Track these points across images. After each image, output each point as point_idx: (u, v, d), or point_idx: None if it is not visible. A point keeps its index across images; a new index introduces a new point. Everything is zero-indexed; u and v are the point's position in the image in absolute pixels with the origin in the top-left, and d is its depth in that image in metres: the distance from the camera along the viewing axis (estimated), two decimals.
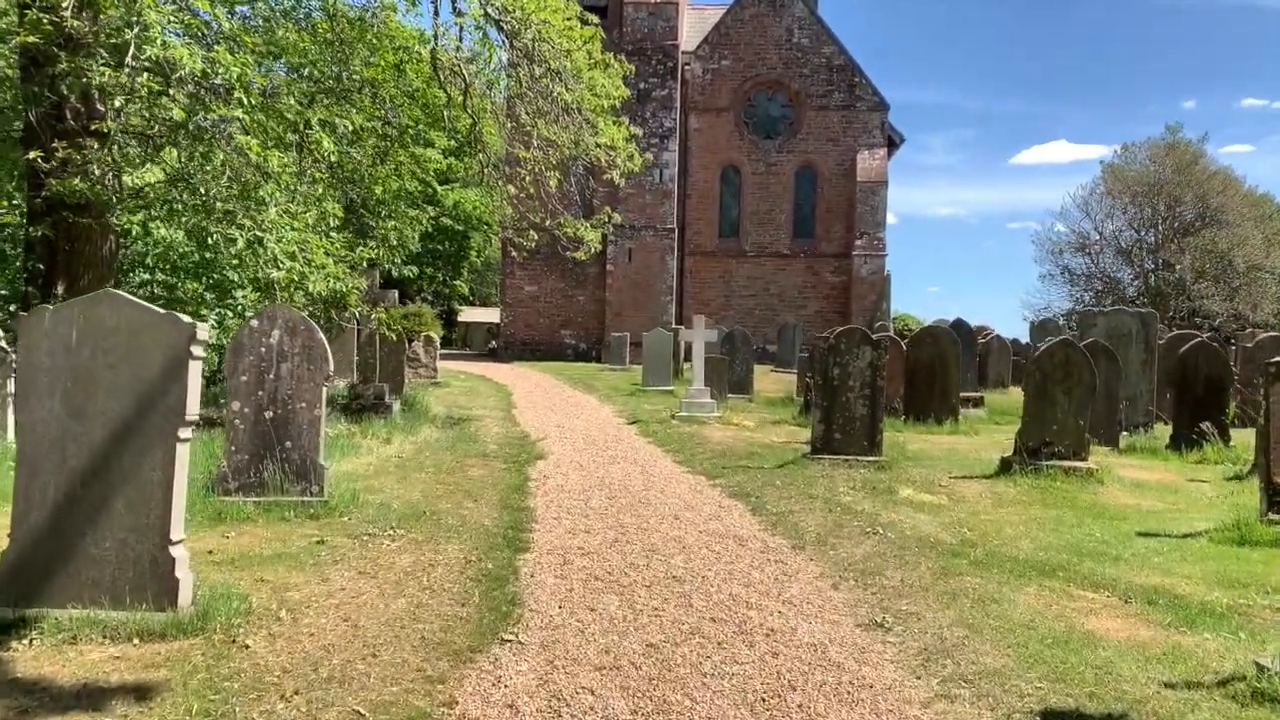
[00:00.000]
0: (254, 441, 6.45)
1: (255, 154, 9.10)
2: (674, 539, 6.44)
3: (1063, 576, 5.95)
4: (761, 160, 30.20)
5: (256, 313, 6.88)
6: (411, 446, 10.11)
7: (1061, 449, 9.42)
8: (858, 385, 9.79)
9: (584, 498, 7.86)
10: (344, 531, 5.95)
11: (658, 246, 28.99)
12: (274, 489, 6.37)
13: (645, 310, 28.80)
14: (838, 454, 9.72)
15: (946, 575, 5.81)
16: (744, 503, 7.87)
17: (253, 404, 6.47)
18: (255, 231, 9.35)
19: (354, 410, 11.13)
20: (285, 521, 6.12)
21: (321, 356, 6.52)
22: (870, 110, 29.82)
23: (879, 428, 9.82)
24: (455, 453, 9.91)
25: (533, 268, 30.00)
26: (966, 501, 8.38)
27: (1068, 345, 9.56)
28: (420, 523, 6.38)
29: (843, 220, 29.96)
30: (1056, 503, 8.48)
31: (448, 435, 11.29)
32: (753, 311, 29.98)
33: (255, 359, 6.49)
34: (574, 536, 6.39)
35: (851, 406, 9.79)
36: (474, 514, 6.86)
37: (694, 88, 30.18)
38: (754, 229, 30.35)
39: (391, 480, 7.96)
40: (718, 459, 10.30)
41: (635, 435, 12.49)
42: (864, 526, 7.04)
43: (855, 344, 9.83)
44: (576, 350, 30.08)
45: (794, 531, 6.83)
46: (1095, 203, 42.55)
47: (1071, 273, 44.31)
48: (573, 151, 12.52)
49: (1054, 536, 7.12)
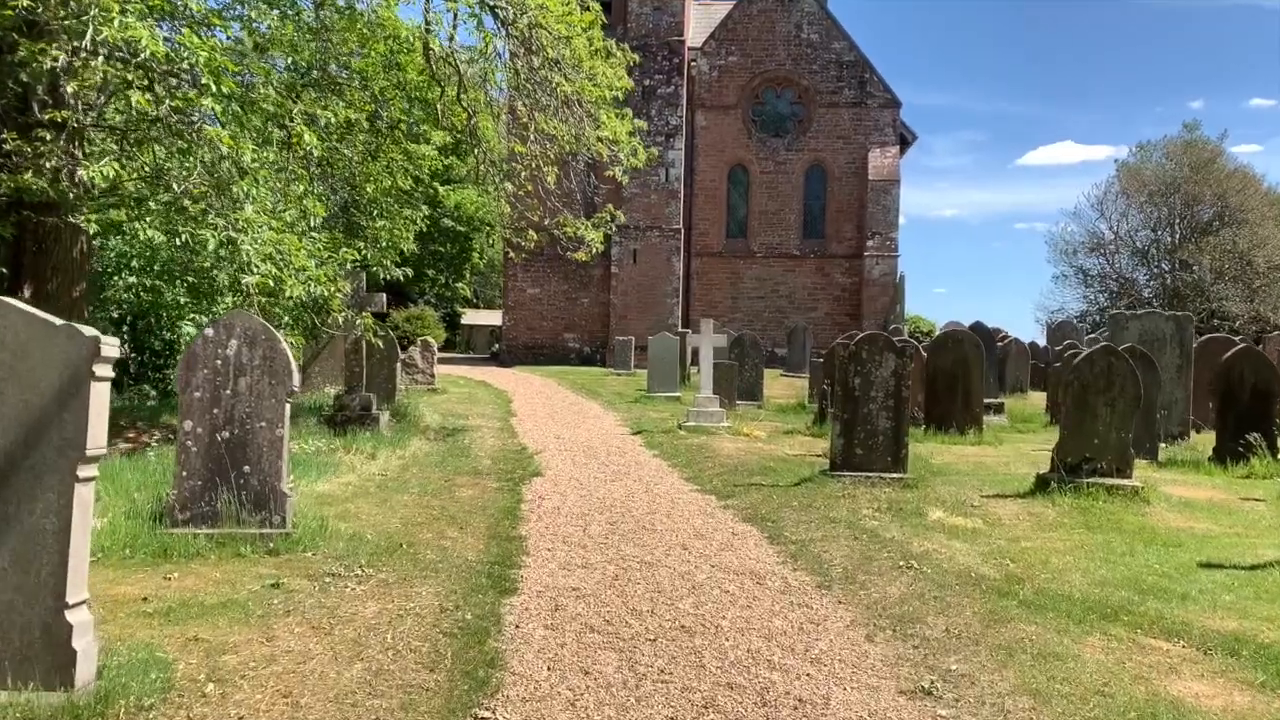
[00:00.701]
0: (208, 466, 5.72)
1: (227, 147, 8.39)
2: (682, 575, 5.68)
3: (1127, 621, 5.18)
4: (770, 159, 29.44)
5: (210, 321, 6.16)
6: (398, 462, 9.38)
7: (1103, 465, 8.65)
8: (880, 396, 9.02)
9: (582, 523, 7.11)
10: (305, 571, 5.20)
11: (663, 247, 28.25)
12: (229, 520, 5.64)
13: (651, 313, 28.07)
14: (859, 471, 8.96)
15: (996, 621, 5.05)
16: (759, 529, 7.11)
17: (207, 423, 5.74)
18: (229, 231, 8.62)
19: (338, 422, 10.40)
20: (240, 558, 5.38)
21: (284, 369, 5.79)
22: (882, 107, 29.04)
23: (904, 442, 9.05)
24: (445, 470, 9.17)
25: (535, 269, 29.27)
26: (1003, 525, 7.61)
27: (1110, 353, 8.78)
28: (395, 558, 5.63)
29: (853, 220, 29.17)
30: (1101, 526, 7.70)
31: (439, 449, 10.55)
32: (761, 314, 29.21)
33: (210, 373, 5.76)
34: (569, 573, 5.64)
35: (874, 419, 9.03)
36: (457, 545, 6.11)
37: (700, 85, 29.44)
38: (762, 229, 29.59)
39: (370, 504, 7.22)
40: (728, 475, 9.55)
41: (640, 447, 11.74)
42: (895, 558, 6.27)
43: (878, 351, 9.07)
44: (580, 354, 29.35)
45: (817, 565, 6.07)
46: (1110, 202, 41.69)
47: (1086, 274, 43.42)
48: (573, 147, 11.80)
49: (1107, 568, 6.35)
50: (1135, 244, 41.37)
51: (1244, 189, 37.28)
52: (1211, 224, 38.07)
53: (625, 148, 11.63)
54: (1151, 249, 40.62)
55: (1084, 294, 44.61)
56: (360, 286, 10.63)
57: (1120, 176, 41.97)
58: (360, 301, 10.57)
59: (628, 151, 11.64)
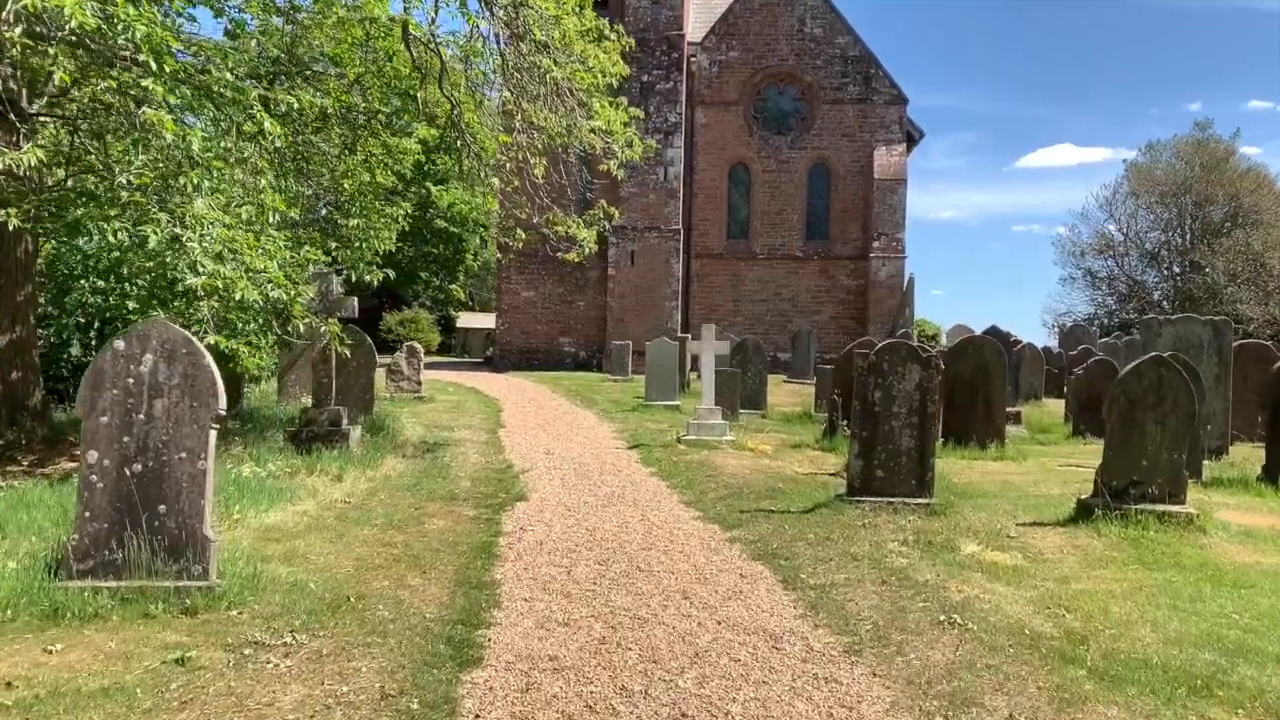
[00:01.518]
0: (115, 505, 4.78)
1: (171, 133, 7.46)
2: (682, 637, 4.75)
3: (1223, 697, 4.26)
4: (772, 157, 28.51)
5: (123, 332, 5.23)
6: (366, 486, 8.44)
7: (1154, 490, 7.72)
8: (904, 412, 8.09)
9: (568, 562, 6.17)
10: (223, 638, 4.27)
11: (662, 249, 27.32)
12: (139, 570, 4.70)
13: (649, 316, 27.13)
14: (880, 496, 8.02)
15: (1068, 701, 4.12)
16: (771, 569, 6.17)
17: (115, 454, 4.80)
18: (173, 227, 7.68)
19: (304, 440, 9.45)
20: (147, 620, 4.44)
21: (209, 389, 4.85)
22: (888, 104, 28.11)
23: (930, 464, 8.12)
24: (417, 494, 8.22)
25: (530, 271, 28.34)
26: (1047, 561, 6.68)
27: (1160, 363, 7.85)
28: (338, 617, 4.70)
29: (859, 220, 28.24)
30: (1158, 561, 6.78)
31: (415, 468, 9.61)
32: (763, 317, 28.27)
33: (120, 393, 4.82)
34: (547, 635, 4.71)
35: (896, 437, 8.09)
36: (417, 597, 5.17)
37: (700, 81, 28.52)
38: (764, 230, 28.66)
39: (323, 540, 6.28)
40: (734, 499, 8.61)
41: (636, 464, 10.81)
42: (933, 609, 5.34)
43: (900, 362, 8.13)
44: (576, 359, 28.41)
45: (842, 619, 5.14)
46: (1119, 203, 40.79)
47: (1094, 276, 42.51)
48: (564, 139, 10.87)
49: (1178, 619, 5.42)
50: (1145, 245, 40.47)
51: (1258, 189, 36.37)
52: (1223, 225, 37.16)
53: (620, 139, 10.71)
54: (1162, 250, 39.70)
55: (1091, 296, 43.74)
56: (330, 289, 9.71)
57: (1129, 177, 41.08)
58: (329, 306, 9.64)
59: (622, 143, 10.72)
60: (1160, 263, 39.95)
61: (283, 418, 12.53)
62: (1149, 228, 40.10)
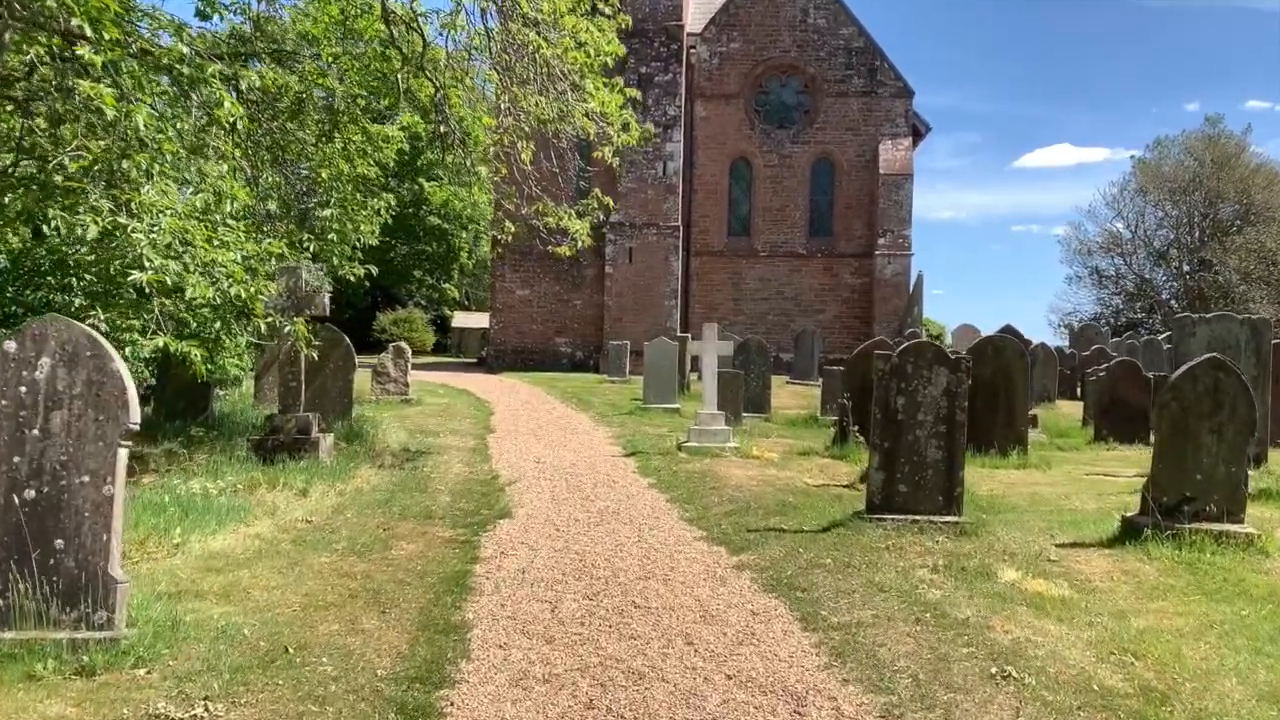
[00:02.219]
0: (1, 540, 3.97)
1: (110, 108, 6.67)
2: (687, 698, 3.94)
3: None
4: (774, 151, 27.70)
5: (13, 331, 4.43)
6: (334, 501, 7.63)
7: (1210, 507, 6.92)
8: (930, 420, 7.29)
9: (552, 596, 5.36)
10: (118, 709, 3.46)
11: (661, 246, 26.50)
12: (28, 619, 3.89)
13: (647, 315, 26.33)
14: (903, 513, 7.22)
15: None
16: (788, 603, 5.36)
17: (3, 478, 3.99)
18: (116, 217, 6.88)
19: (268, 450, 8.64)
20: (30, 684, 3.63)
21: (117, 399, 4.05)
22: (893, 97, 27.31)
23: (958, 477, 7.32)
24: (389, 511, 7.41)
25: (525, 269, 27.53)
26: (1098, 591, 5.88)
27: (1218, 367, 7.05)
28: (270, 676, 3.89)
29: (864, 217, 27.44)
30: (1221, 590, 5.97)
31: (391, 480, 8.81)
32: (765, 316, 27.47)
33: (11, 404, 4.02)
34: (523, 696, 3.90)
35: (921, 448, 7.29)
36: (370, 646, 4.36)
37: (700, 73, 27.71)
38: (766, 227, 27.85)
39: (272, 570, 5.47)
40: (740, 515, 7.81)
41: (633, 474, 10.01)
42: (979, 656, 4.54)
43: (926, 365, 7.32)
44: (573, 359, 27.59)
45: (875, 671, 4.33)
46: (1127, 200, 39.97)
47: (1101, 274, 41.70)
48: (555, 124, 10.07)
49: (1264, 667, 4.63)
50: (1153, 244, 39.68)
51: (1270, 186, 35.57)
52: (1234, 223, 36.38)
53: (615, 122, 9.90)
54: (1170, 249, 38.90)
55: (1097, 295, 42.95)
56: (299, 284, 8.90)
57: (1137, 173, 40.27)
58: (298, 303, 8.83)
59: (618, 127, 9.91)
60: (1169, 261, 39.15)
61: (256, 424, 11.73)
62: (1157, 225, 39.33)
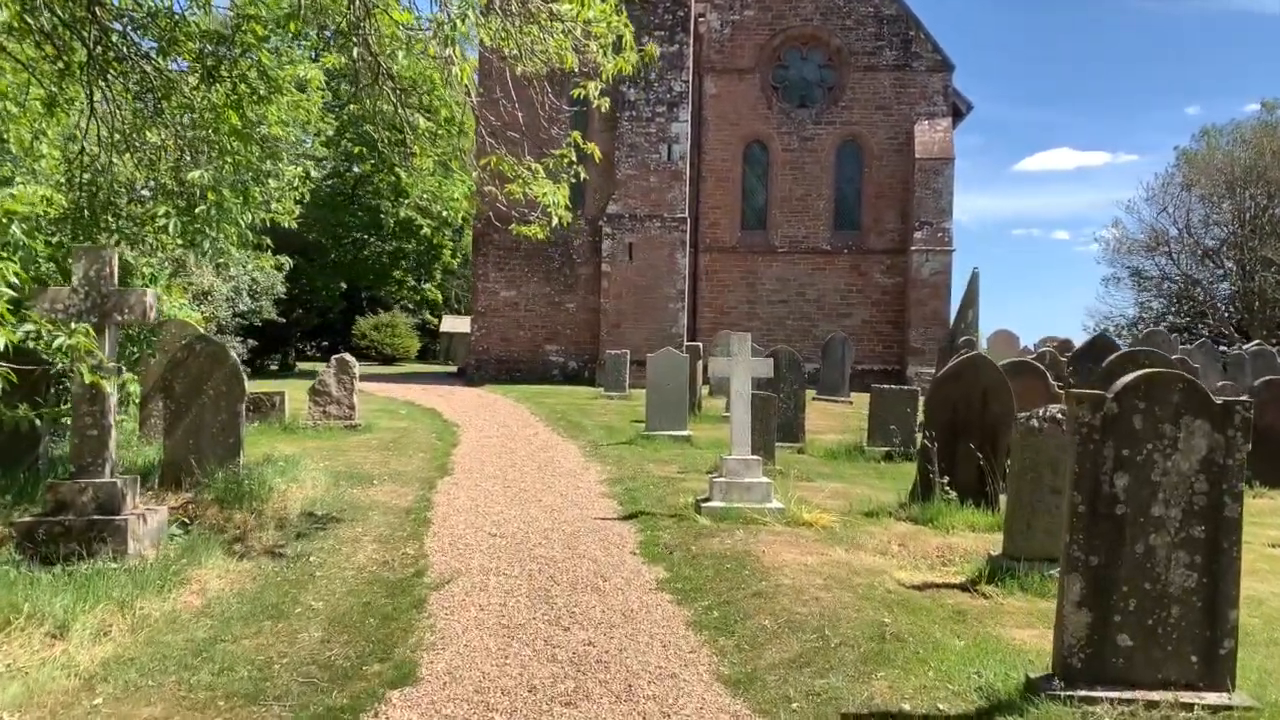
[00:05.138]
0: None
1: None
2: None
3: None
4: (794, 134, 24.38)
5: None
6: (99, 656, 4.30)
7: None
8: (1178, 517, 3.98)
9: None
10: None
11: (665, 241, 23.18)
12: None
13: (649, 320, 23.02)
14: (1126, 685, 3.91)
15: None
16: None
17: None
18: None
19: (45, 539, 5.32)
20: None
21: None
22: (930, 71, 24.00)
23: (1227, 621, 4.00)
24: (189, 683, 4.07)
25: (510, 268, 24.22)
26: None
27: None
28: None
29: (896, 207, 24.12)
30: None
31: (243, 590, 5.47)
32: (784, 321, 24.14)
33: None
34: None
35: (1159, 570, 3.98)
36: None
37: (710, 44, 24.41)
38: (785, 219, 24.52)
39: None
40: (814, 666, 4.49)
41: (634, 557, 6.70)
42: None
43: (1170, 415, 4.01)
44: (565, 370, 24.26)
45: None
46: (1171, 196, 36.58)
47: (1142, 276, 38.32)
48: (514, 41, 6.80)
49: None
50: (1201, 241, 36.33)
51: None
52: None
53: (603, 37, 6.62)
54: (1223, 247, 35.54)
55: (1135, 298, 39.61)
56: (102, 276, 5.60)
57: (1182, 166, 36.91)
58: (103, 304, 5.54)
59: (605, 44, 6.64)
60: (1218, 260, 35.83)
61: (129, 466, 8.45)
62: (1207, 222, 35.97)
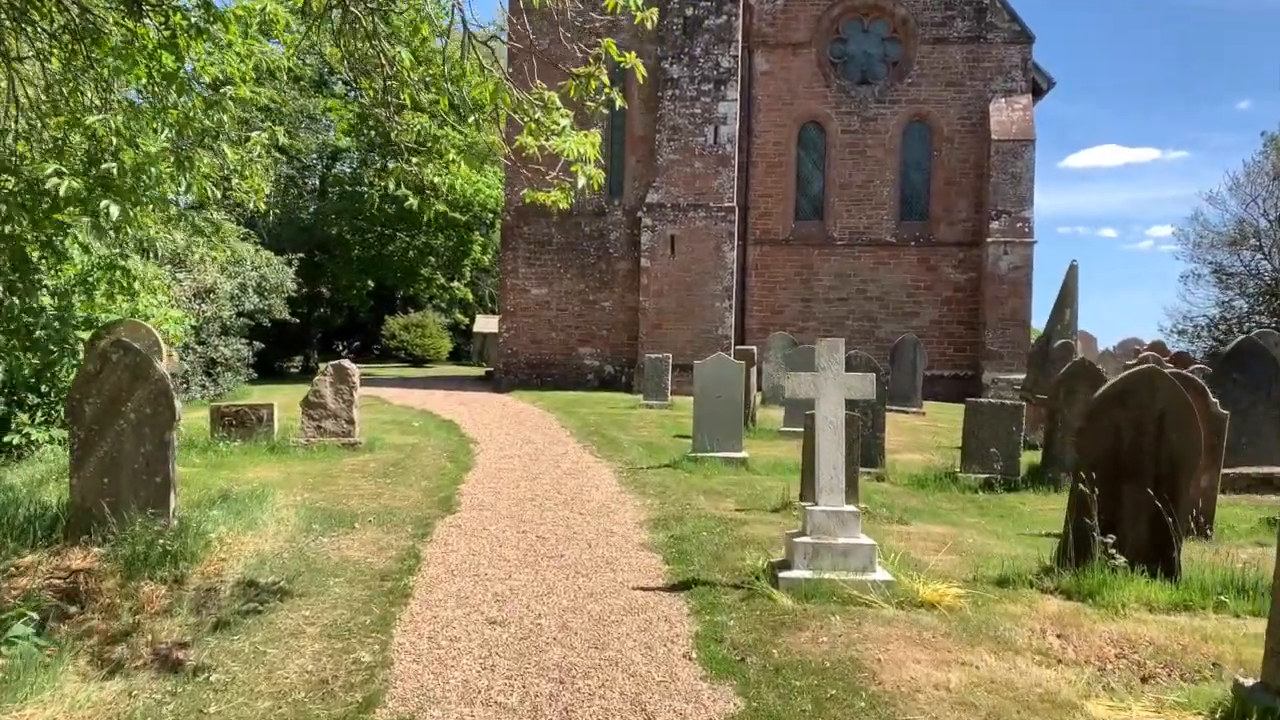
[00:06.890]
0: None
1: None
2: None
3: None
4: (855, 114, 22.09)
5: None
6: None
7: None
8: None
9: None
10: None
11: (711, 233, 21.03)
12: None
13: (693, 320, 20.90)
14: None
15: None
16: None
17: None
18: None
19: None
20: None
21: None
22: (1007, 43, 21.57)
23: None
24: None
25: (541, 263, 22.24)
26: None
27: None
28: None
29: (970, 195, 21.72)
30: None
31: None
32: (843, 322, 21.86)
33: None
34: None
35: None
36: None
37: (761, 15, 22.20)
38: (844, 209, 22.24)
39: None
40: None
41: (689, 667, 4.61)
42: None
43: None
44: (600, 375, 22.21)
45: None
46: (1261, 185, 33.57)
47: (1225, 272, 35.34)
48: None
49: None
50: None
51: None
52: None
53: None
54: None
55: (1216, 296, 36.58)
56: None
57: (1271, 153, 33.88)
58: None
59: None
60: None
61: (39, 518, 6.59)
62: None
